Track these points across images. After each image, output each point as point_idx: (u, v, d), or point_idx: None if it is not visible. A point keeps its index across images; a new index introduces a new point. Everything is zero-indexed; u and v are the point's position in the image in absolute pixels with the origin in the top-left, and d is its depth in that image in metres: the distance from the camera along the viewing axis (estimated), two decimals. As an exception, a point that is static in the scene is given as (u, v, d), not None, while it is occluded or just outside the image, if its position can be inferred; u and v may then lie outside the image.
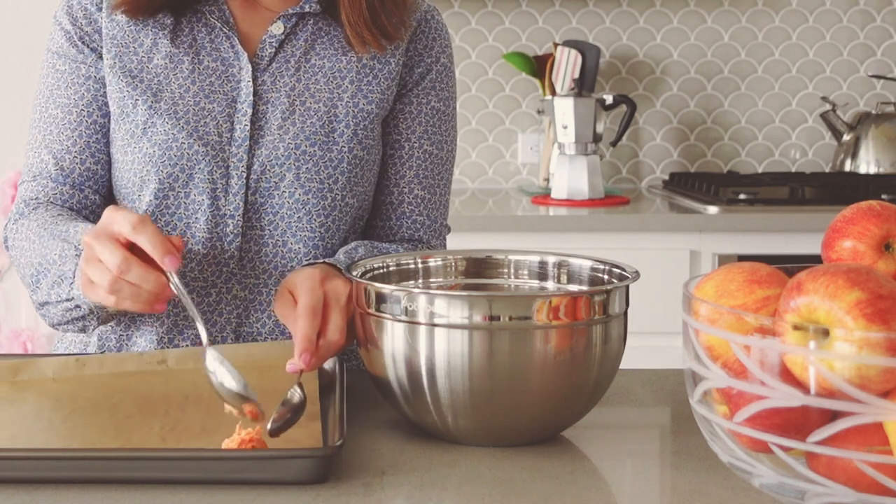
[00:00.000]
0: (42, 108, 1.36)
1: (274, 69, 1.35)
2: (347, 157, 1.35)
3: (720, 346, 0.81)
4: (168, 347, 1.32)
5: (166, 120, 1.31)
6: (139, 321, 1.34)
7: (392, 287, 1.04)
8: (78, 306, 1.21)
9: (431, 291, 1.01)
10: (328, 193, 1.34)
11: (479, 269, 1.24)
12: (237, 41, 1.34)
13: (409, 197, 1.41)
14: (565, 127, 2.84)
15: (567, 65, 3.03)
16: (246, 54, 1.34)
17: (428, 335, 1.00)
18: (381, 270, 1.18)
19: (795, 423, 0.76)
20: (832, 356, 0.73)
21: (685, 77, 3.22)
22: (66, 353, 1.40)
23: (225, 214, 1.32)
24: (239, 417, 1.02)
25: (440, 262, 1.23)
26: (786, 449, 0.78)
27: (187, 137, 1.30)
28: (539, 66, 3.11)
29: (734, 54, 3.22)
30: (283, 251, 1.34)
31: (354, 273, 1.12)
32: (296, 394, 1.05)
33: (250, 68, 1.33)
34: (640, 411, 1.21)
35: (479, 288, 1.22)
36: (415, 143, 1.41)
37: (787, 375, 0.76)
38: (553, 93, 3.04)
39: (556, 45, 3.08)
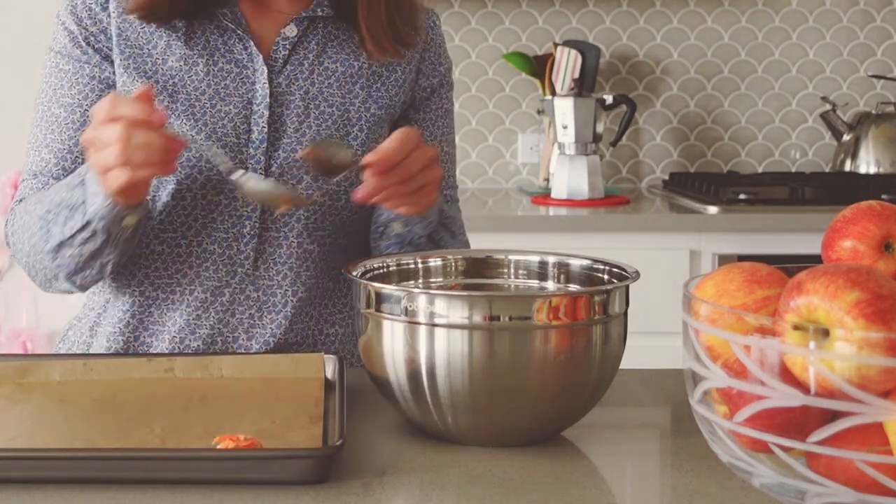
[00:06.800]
0: (44, 107, 1.36)
1: (289, 72, 1.35)
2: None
3: (720, 346, 0.81)
4: (178, 349, 1.33)
5: (184, 122, 1.31)
6: (147, 322, 1.34)
7: (392, 287, 1.04)
8: (95, 232, 1.20)
9: (431, 291, 1.01)
10: (343, 195, 1.35)
11: (479, 269, 1.24)
12: (252, 43, 1.34)
13: None
14: (565, 127, 2.84)
15: (567, 65, 3.03)
16: (261, 56, 1.34)
17: (428, 335, 1.00)
18: (381, 270, 1.18)
19: (795, 423, 0.76)
20: (832, 356, 0.73)
21: (685, 77, 3.22)
22: (70, 353, 1.40)
23: (242, 216, 1.32)
24: None
25: (440, 262, 1.23)
26: (786, 449, 0.78)
27: (206, 139, 1.30)
28: (539, 66, 3.11)
29: (734, 54, 3.22)
30: (298, 252, 1.34)
31: (354, 273, 1.12)
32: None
33: (266, 70, 1.34)
34: (640, 411, 1.21)
35: (479, 288, 1.22)
36: (438, 147, 1.45)
37: (787, 375, 0.76)
38: (553, 93, 3.04)
39: (556, 45, 3.08)
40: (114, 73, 1.34)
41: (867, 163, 2.99)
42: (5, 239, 1.36)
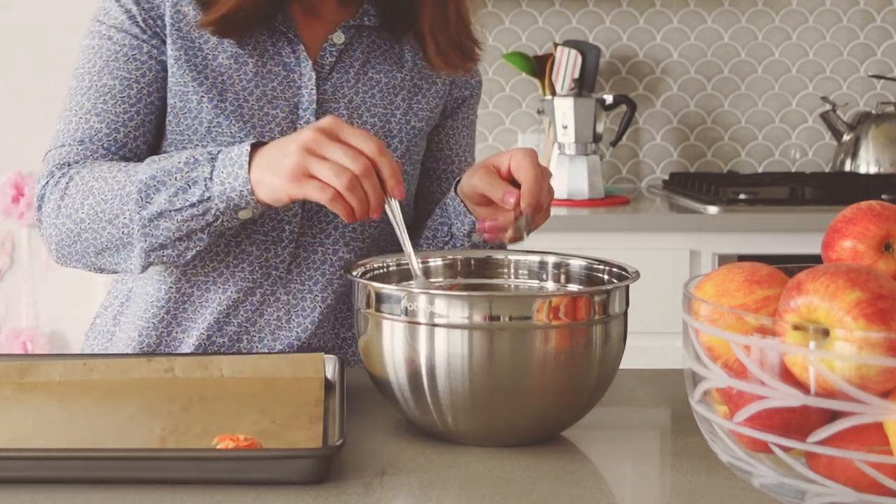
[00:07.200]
0: (93, 76, 1.32)
1: (335, 79, 1.35)
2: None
3: (720, 346, 0.81)
4: (205, 345, 1.33)
5: (233, 122, 1.30)
6: (180, 318, 1.34)
7: (392, 287, 1.04)
8: (207, 211, 1.18)
9: (431, 291, 1.01)
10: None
11: (479, 269, 1.24)
12: (301, 47, 1.34)
13: None
14: (565, 127, 2.84)
15: (567, 65, 3.03)
16: (310, 62, 1.34)
17: (428, 335, 1.00)
18: (381, 270, 1.18)
19: (795, 423, 0.76)
20: (832, 356, 0.73)
21: (685, 77, 3.22)
22: (96, 339, 1.42)
23: (282, 220, 1.32)
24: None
25: (440, 262, 1.23)
26: (786, 449, 0.78)
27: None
28: (539, 66, 3.11)
29: (734, 54, 3.22)
30: (332, 259, 1.35)
31: (354, 273, 1.12)
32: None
33: (314, 76, 1.33)
34: (640, 411, 1.21)
35: (479, 288, 1.22)
36: (463, 156, 1.49)
37: (787, 375, 0.76)
38: (553, 93, 3.04)
39: (556, 45, 3.08)
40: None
41: (867, 163, 2.99)
42: (37, 203, 1.31)
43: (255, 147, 1.17)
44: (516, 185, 1.22)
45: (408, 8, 1.37)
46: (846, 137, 3.04)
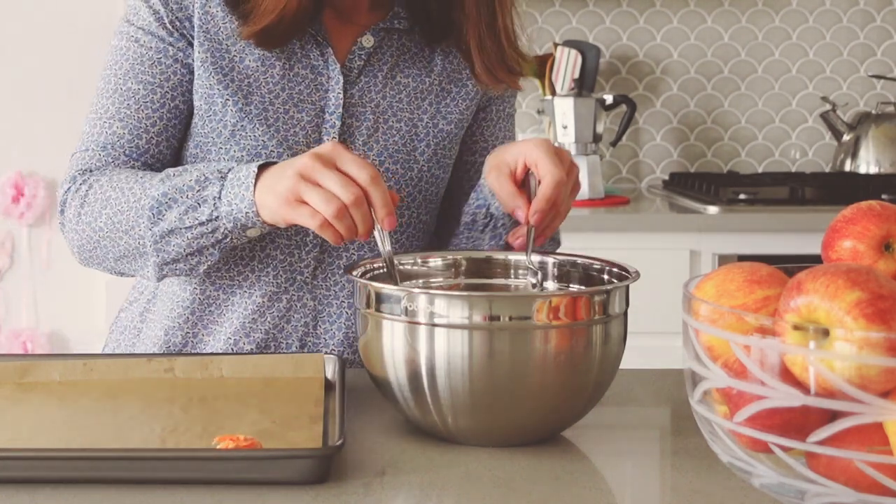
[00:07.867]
0: (119, 79, 1.32)
1: (363, 83, 1.34)
2: (426, 175, 1.37)
3: (720, 346, 0.81)
4: (233, 350, 1.33)
5: (257, 125, 1.30)
6: (206, 320, 1.34)
7: (392, 287, 1.04)
8: (216, 229, 1.19)
9: (431, 291, 1.01)
10: (405, 211, 1.35)
11: (479, 269, 1.24)
12: (330, 50, 1.33)
13: None
14: (565, 127, 2.84)
15: (567, 65, 3.03)
16: (339, 65, 1.33)
17: (428, 335, 1.00)
18: (382, 270, 1.18)
19: (795, 423, 0.76)
20: (832, 356, 0.73)
21: (685, 77, 3.22)
22: (121, 332, 1.42)
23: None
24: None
25: (440, 262, 1.23)
26: (786, 449, 0.78)
27: (277, 146, 1.30)
28: (539, 66, 3.11)
29: (734, 54, 3.22)
30: None
31: (354, 273, 1.12)
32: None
33: (341, 79, 1.33)
34: (640, 411, 1.21)
35: (479, 288, 1.22)
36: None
37: (787, 375, 0.76)
38: (553, 93, 3.04)
39: (556, 45, 3.08)
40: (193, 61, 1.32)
41: (867, 163, 3.00)
42: (60, 208, 1.32)
43: (265, 167, 1.18)
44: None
45: (446, 17, 1.36)
46: (846, 137, 3.04)
